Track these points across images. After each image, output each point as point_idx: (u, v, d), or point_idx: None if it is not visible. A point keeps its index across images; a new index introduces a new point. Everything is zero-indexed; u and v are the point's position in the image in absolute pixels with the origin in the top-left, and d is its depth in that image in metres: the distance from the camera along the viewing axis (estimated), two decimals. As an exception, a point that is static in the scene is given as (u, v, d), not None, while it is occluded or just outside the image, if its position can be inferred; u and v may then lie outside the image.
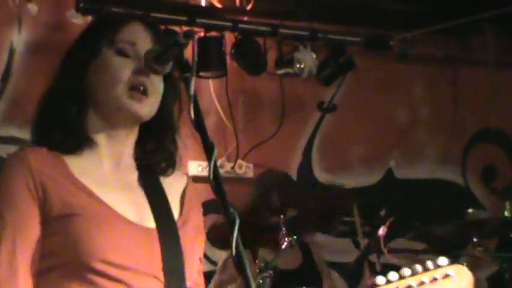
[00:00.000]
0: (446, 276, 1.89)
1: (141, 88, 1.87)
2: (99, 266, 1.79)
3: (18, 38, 4.41)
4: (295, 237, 4.07)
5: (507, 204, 4.19)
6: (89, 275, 1.79)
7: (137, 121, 1.92)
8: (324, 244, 4.66)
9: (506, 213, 4.18)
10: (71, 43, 1.98)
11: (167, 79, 1.93)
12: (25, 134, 2.00)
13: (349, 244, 4.94)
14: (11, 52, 4.41)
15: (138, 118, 1.91)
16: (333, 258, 4.67)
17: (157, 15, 4.25)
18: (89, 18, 4.13)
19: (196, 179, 2.12)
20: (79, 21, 4.21)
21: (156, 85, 1.90)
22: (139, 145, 1.97)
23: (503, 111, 5.32)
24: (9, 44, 4.40)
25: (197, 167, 4.51)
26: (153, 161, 1.97)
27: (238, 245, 1.58)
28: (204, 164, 1.68)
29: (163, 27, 4.20)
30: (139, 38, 1.92)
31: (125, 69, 1.88)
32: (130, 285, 1.82)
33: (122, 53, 1.91)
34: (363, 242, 4.32)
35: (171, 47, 1.77)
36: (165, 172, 1.98)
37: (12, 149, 3.71)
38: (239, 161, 4.80)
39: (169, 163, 1.99)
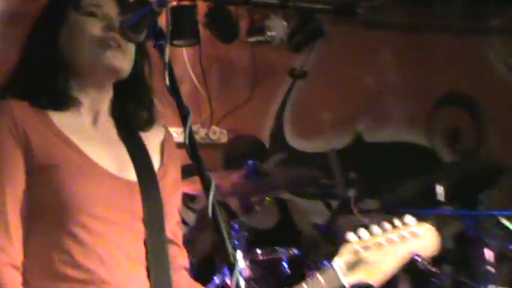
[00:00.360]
0: (415, 234, 1.97)
1: (114, 44, 1.89)
2: (80, 218, 1.81)
3: (-6, 8, 4.39)
4: (268, 198, 4.19)
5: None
6: (70, 226, 1.81)
7: (114, 74, 1.94)
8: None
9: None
10: (38, 13, 1.99)
11: (137, 45, 1.94)
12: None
13: (320, 206, 5.06)
14: (-13, 22, 4.39)
15: (114, 70, 1.92)
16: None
17: (131, -15, 4.27)
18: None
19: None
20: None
21: (129, 45, 1.92)
22: (119, 108, 2.00)
23: (467, 75, 5.39)
24: (-16, 15, 4.37)
25: (173, 133, 4.56)
26: (134, 119, 2.01)
27: (214, 207, 1.60)
28: (180, 130, 1.72)
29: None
30: (104, 0, 1.96)
31: (94, 27, 1.91)
32: (110, 238, 1.84)
33: (89, 14, 1.93)
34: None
35: (146, 15, 1.77)
36: (144, 128, 2.03)
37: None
38: (213, 127, 4.81)
39: (149, 120, 2.03)
